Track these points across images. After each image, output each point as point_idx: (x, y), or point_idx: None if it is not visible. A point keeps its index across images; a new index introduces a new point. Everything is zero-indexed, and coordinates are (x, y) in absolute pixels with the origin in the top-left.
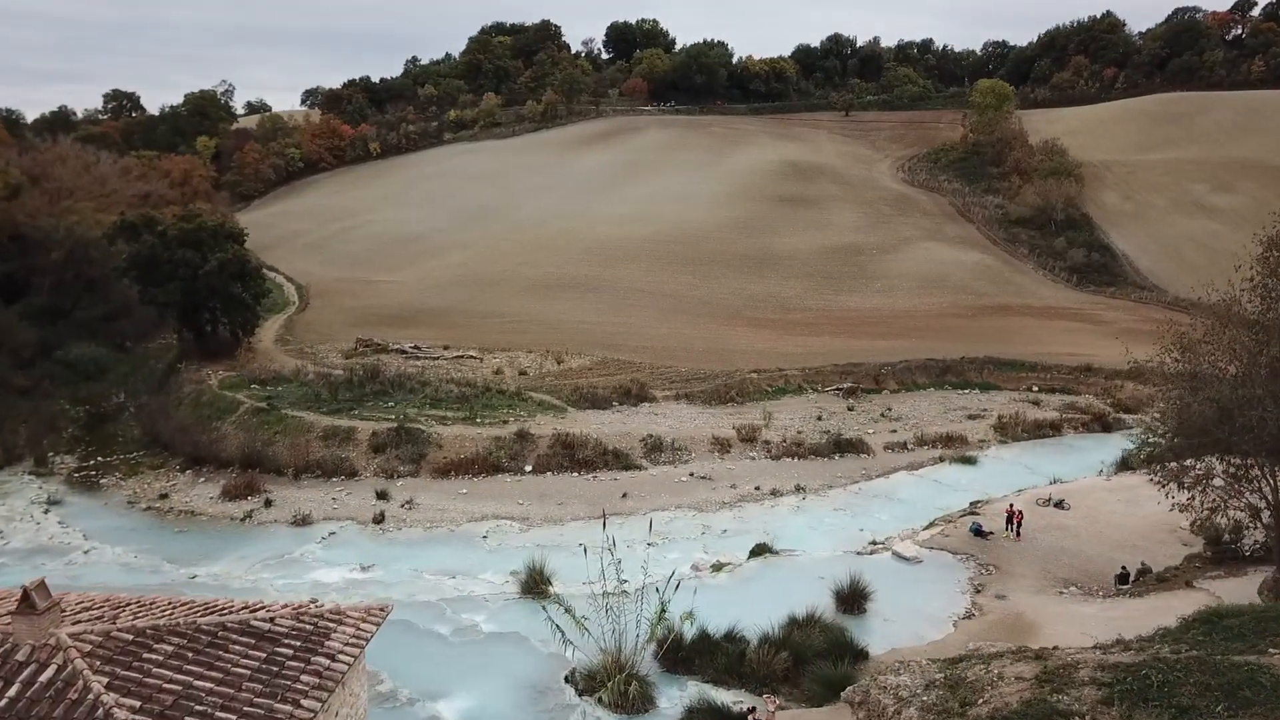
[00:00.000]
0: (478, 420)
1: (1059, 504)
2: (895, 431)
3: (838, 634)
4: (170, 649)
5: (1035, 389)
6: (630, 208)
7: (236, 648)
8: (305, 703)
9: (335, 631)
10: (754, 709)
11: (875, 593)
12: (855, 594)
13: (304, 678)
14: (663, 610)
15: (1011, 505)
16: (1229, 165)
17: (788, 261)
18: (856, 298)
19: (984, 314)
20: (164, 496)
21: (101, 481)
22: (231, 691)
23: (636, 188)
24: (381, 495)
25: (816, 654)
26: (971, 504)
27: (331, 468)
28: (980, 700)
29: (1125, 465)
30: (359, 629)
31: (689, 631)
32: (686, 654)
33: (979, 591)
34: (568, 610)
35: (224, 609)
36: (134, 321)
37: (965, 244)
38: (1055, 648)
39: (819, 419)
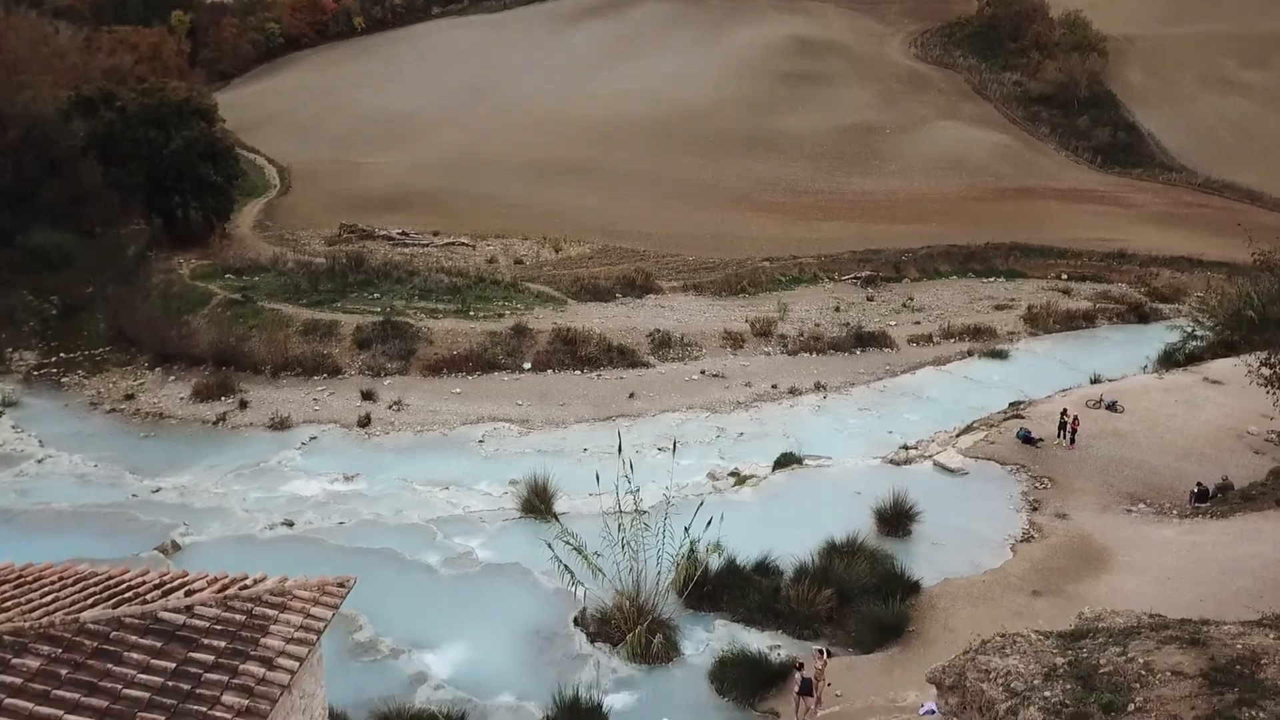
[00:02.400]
0: (471, 313)
1: (1111, 406)
2: (919, 323)
3: (885, 563)
4: (37, 664)
5: (1064, 277)
6: (628, 85)
7: (135, 656)
8: None
9: (275, 622)
10: (800, 663)
11: (920, 511)
12: (899, 514)
13: (227, 698)
14: (691, 552)
15: (1066, 410)
16: (1260, 39)
17: (796, 142)
18: (870, 180)
19: (1006, 197)
20: (130, 397)
21: (63, 381)
22: None
23: (634, 65)
24: (367, 395)
25: (863, 589)
26: (1012, 405)
27: (312, 365)
28: (1131, 706)
29: (1170, 360)
30: (309, 617)
31: (715, 563)
32: (713, 589)
33: (1036, 509)
34: (578, 550)
35: (123, 589)
36: (101, 206)
37: (983, 123)
38: (1207, 623)
39: (837, 310)
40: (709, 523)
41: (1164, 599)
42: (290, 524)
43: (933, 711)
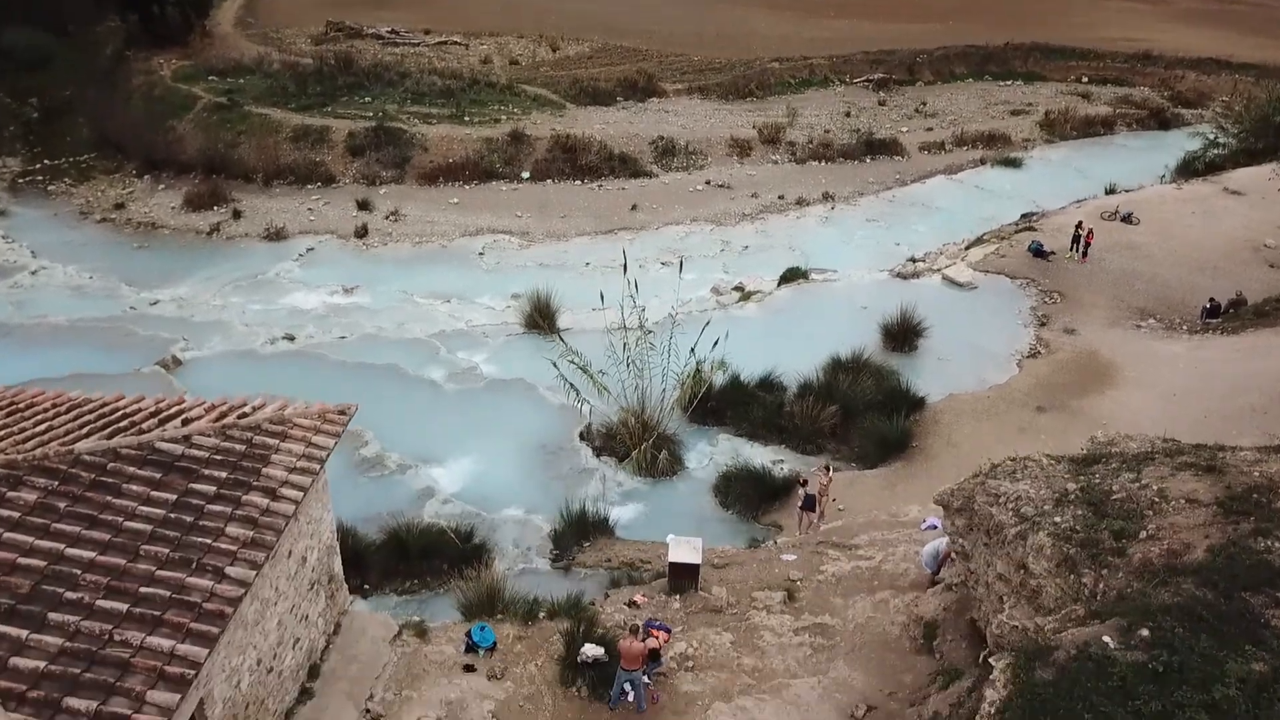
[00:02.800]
0: (466, 118)
1: (1126, 218)
2: (931, 130)
3: (890, 379)
4: (34, 497)
5: (1085, 80)
6: None
7: (134, 488)
8: (233, 570)
9: (277, 452)
10: (804, 479)
11: (927, 327)
12: (906, 330)
13: (231, 529)
14: (697, 371)
15: (1081, 223)
16: None
17: None
18: None
19: None
20: (120, 206)
21: (50, 189)
22: (123, 562)
23: None
24: (363, 205)
25: (867, 405)
26: (1024, 217)
27: (305, 173)
28: (1143, 534)
29: (1189, 170)
30: (311, 445)
31: (719, 379)
32: (717, 404)
33: (1044, 324)
34: (583, 369)
35: (118, 418)
36: (75, 1)
37: None
38: (1223, 449)
39: (847, 115)
40: (715, 343)
41: (1168, 415)
42: (291, 338)
43: (935, 526)
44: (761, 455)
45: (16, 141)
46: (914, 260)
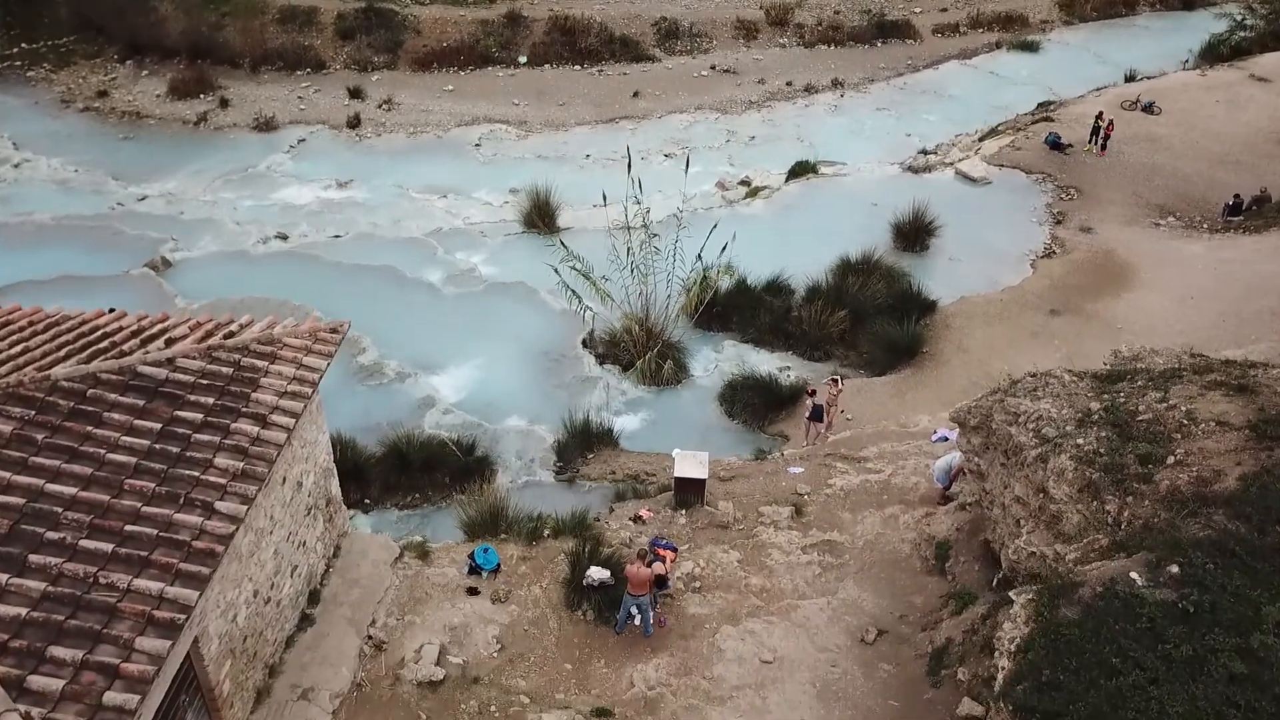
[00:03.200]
0: None
1: (1148, 108)
2: (945, 10)
3: (900, 281)
4: (9, 428)
5: None
6: None
7: (116, 416)
8: (223, 506)
9: (266, 374)
10: (812, 389)
11: (940, 226)
12: (918, 229)
13: (220, 460)
14: (703, 278)
15: (1102, 114)
16: None
17: None
18: None
19: None
20: (103, 94)
21: (29, 75)
22: (107, 498)
23: None
24: (355, 93)
25: (877, 308)
26: (1041, 106)
27: (294, 58)
28: (1170, 459)
29: (1214, 54)
30: (302, 367)
31: (726, 283)
32: (722, 309)
33: (1059, 222)
34: (585, 275)
35: (98, 338)
36: None
37: None
38: (1255, 366)
39: None
40: (724, 247)
41: (1184, 318)
42: (284, 237)
43: (946, 439)
44: (768, 362)
45: None
46: (925, 152)
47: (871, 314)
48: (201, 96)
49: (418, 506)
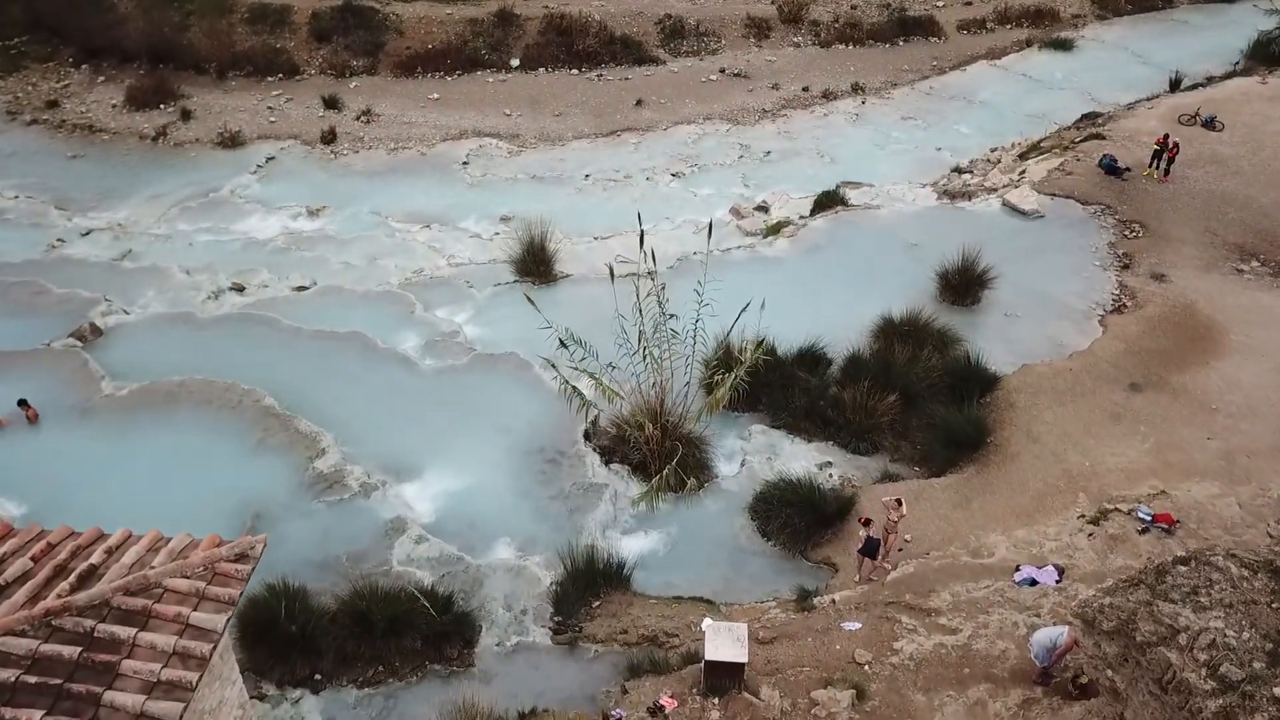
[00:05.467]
0: None
1: (1209, 123)
2: (970, 4)
3: (952, 345)
4: None
5: None
6: None
7: None
8: None
9: (134, 650)
10: (867, 519)
11: (994, 277)
12: (968, 280)
13: None
14: (728, 374)
15: (1168, 137)
16: None
17: None
18: None
19: None
20: (53, 104)
21: None
22: None
23: None
24: (331, 103)
25: (930, 385)
26: (1085, 117)
27: (265, 63)
28: None
29: (1265, 54)
30: (190, 628)
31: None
32: (749, 384)
33: (1127, 267)
34: (592, 375)
35: None
36: None
37: None
38: None
39: None
40: (746, 306)
41: None
42: (240, 289)
43: (1033, 581)
44: (804, 456)
45: None
46: (960, 171)
47: (924, 393)
48: (161, 107)
49: (382, 683)
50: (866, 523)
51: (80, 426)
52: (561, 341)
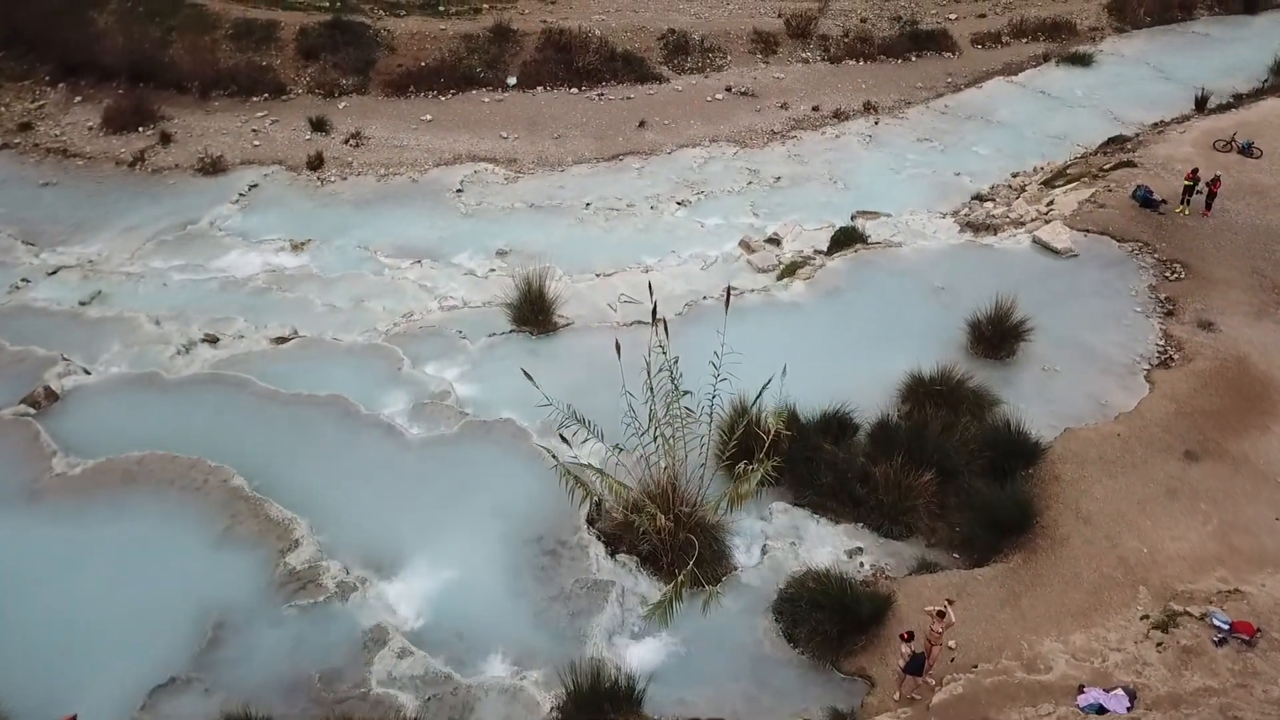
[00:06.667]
0: (440, 8)
1: (1246, 149)
2: (984, 17)
3: (989, 406)
4: None
5: None
6: None
7: None
8: None
9: None
10: (909, 633)
11: (1030, 329)
12: (1002, 329)
13: None
14: (752, 471)
15: (1196, 171)
16: None
17: None
18: None
19: None
20: (26, 127)
21: None
22: None
23: None
24: (319, 125)
25: (970, 452)
26: (1113, 142)
27: (249, 82)
28: None
29: None
30: None
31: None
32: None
33: (1170, 313)
34: (600, 471)
35: None
36: None
37: None
38: None
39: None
40: (771, 360)
41: None
42: (213, 340)
43: (1101, 710)
44: (832, 540)
45: None
46: (981, 199)
47: (960, 465)
48: (140, 129)
49: None
50: (909, 637)
51: (26, 512)
52: (561, 436)
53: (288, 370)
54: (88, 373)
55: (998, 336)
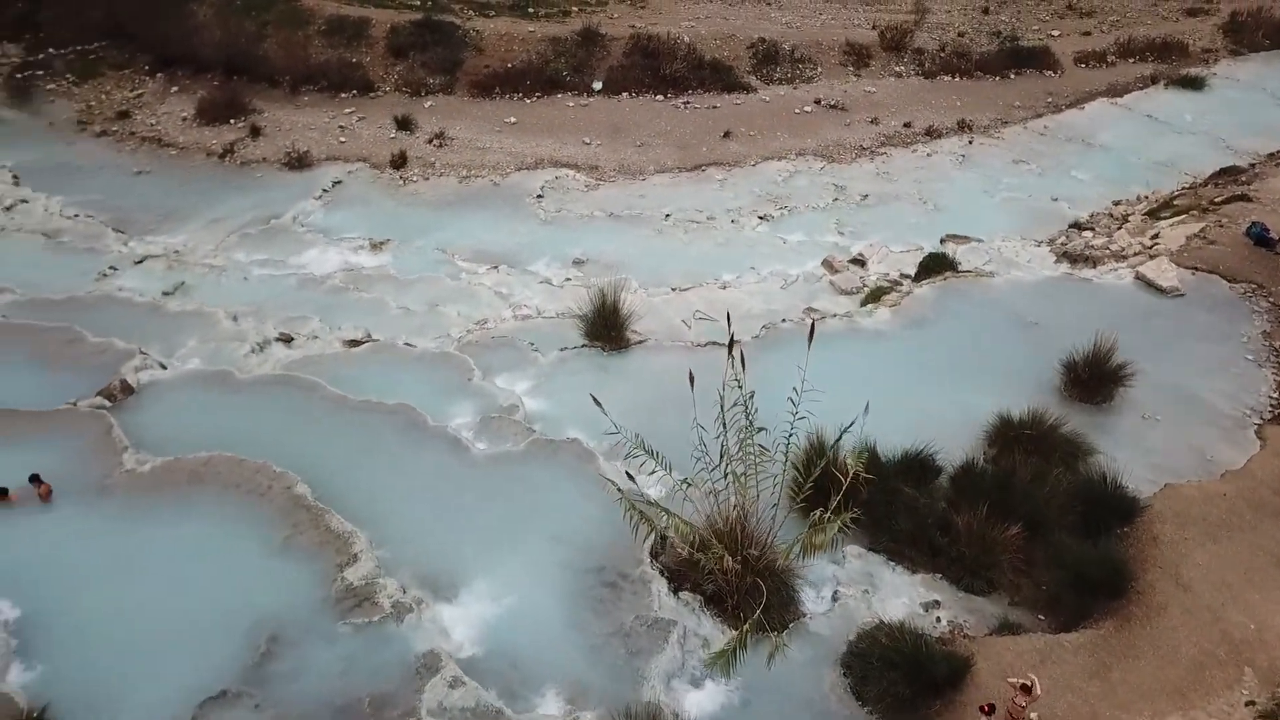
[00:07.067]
0: (530, 10)
1: None
2: (1089, 34)
3: (1083, 459)
4: None
5: None
6: None
7: None
8: None
9: None
10: (989, 706)
11: (1131, 374)
12: (1100, 372)
13: None
14: (829, 521)
15: None
16: None
17: None
18: None
19: None
20: (124, 115)
21: (50, 87)
22: None
23: None
24: (404, 124)
25: (1061, 505)
26: (1224, 173)
27: (339, 78)
28: None
29: None
30: None
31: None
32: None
33: None
34: (665, 510)
35: None
36: None
37: None
38: None
39: (986, 13)
40: (853, 393)
41: None
42: (288, 340)
43: None
44: (908, 590)
45: (23, 23)
46: (1080, 228)
47: (1050, 519)
48: (231, 122)
49: None
50: (989, 710)
51: (95, 508)
52: (628, 474)
53: (358, 375)
54: (164, 367)
55: (1095, 379)
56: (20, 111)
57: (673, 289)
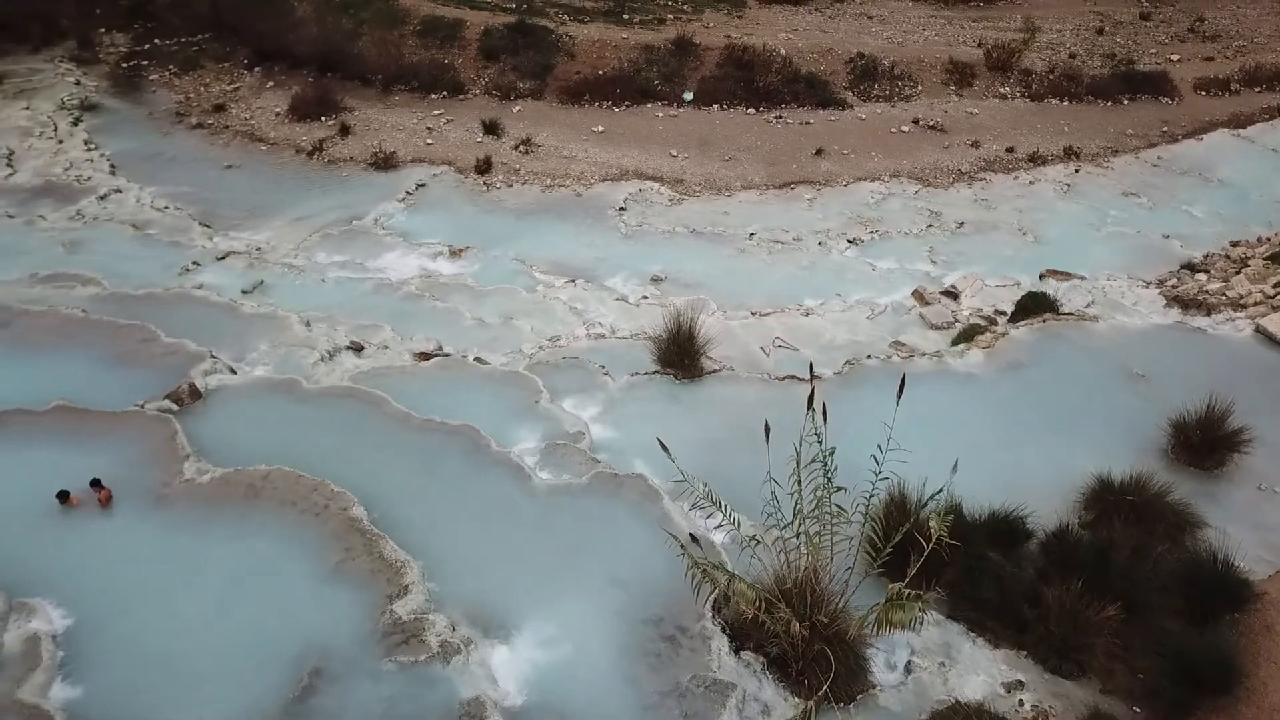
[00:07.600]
0: (625, 16)
1: None
2: (1211, 59)
3: (1190, 534)
4: None
5: None
6: None
7: None
8: None
9: None
10: None
11: (1247, 439)
12: (1213, 435)
13: None
14: (908, 596)
15: None
16: None
17: None
18: None
19: None
20: (220, 108)
21: (152, 79)
22: None
23: None
24: (491, 128)
25: (1161, 585)
26: None
27: (430, 79)
28: None
29: None
30: None
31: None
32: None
33: None
34: (732, 574)
35: None
36: None
37: None
38: None
39: (1100, 34)
40: (943, 452)
41: None
42: (359, 349)
43: None
44: (988, 666)
45: (135, 14)
46: (1193, 269)
47: (1152, 600)
48: (323, 119)
49: None
50: None
51: (153, 517)
52: (692, 536)
53: (424, 390)
54: (233, 372)
55: (1207, 443)
56: (124, 100)
57: (752, 313)
